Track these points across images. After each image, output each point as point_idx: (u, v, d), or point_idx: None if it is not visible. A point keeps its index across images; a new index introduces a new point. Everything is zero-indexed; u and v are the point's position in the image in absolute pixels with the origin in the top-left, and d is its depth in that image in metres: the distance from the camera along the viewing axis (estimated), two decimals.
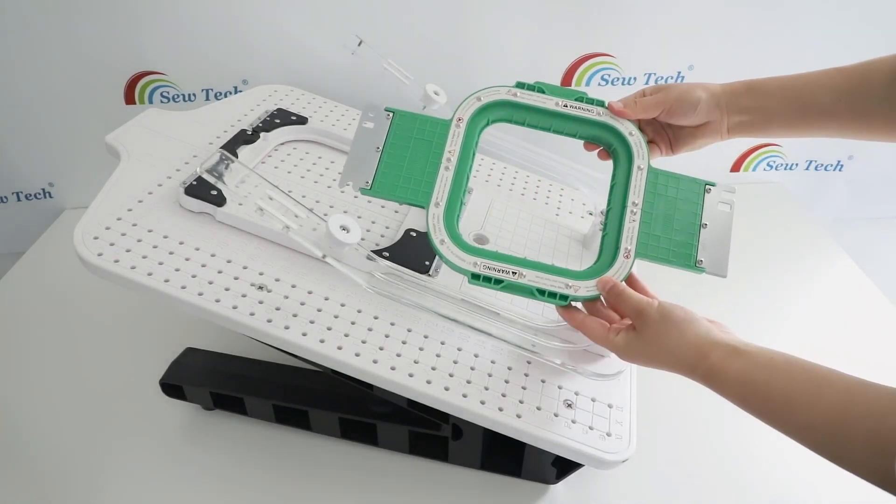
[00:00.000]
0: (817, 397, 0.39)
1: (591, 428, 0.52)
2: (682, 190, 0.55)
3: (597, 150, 0.59)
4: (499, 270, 0.52)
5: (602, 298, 0.52)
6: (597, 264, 0.54)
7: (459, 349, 0.55)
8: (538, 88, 0.56)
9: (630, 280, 0.52)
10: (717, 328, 0.47)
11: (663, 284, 0.55)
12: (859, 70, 0.51)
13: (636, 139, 0.55)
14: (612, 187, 0.56)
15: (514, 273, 0.52)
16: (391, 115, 0.55)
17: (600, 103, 0.56)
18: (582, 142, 0.59)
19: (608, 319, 0.51)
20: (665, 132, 0.58)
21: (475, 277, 0.51)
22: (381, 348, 0.53)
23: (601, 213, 0.69)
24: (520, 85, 0.56)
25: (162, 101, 0.91)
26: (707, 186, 0.55)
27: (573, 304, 0.52)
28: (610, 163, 0.58)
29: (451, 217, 0.53)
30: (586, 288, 0.52)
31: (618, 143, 0.56)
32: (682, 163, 0.59)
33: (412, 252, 0.61)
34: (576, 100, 0.56)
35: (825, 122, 0.52)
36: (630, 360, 0.50)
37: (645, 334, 0.47)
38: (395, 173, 0.54)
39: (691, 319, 0.46)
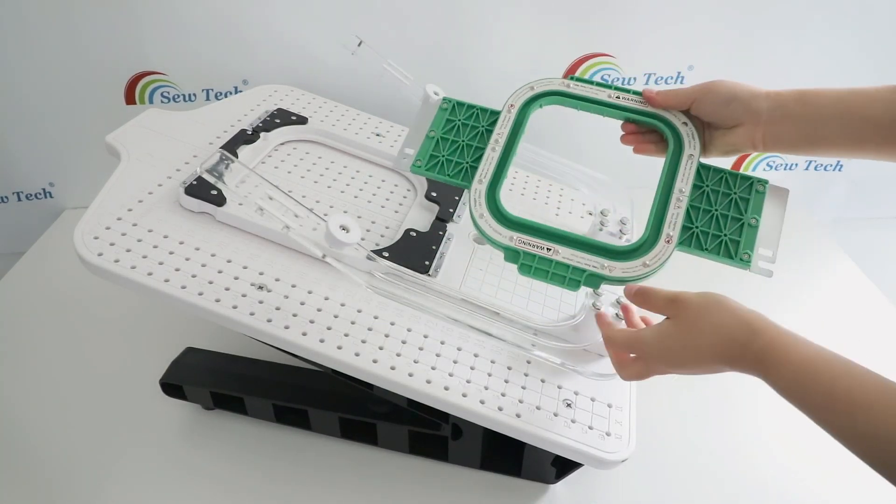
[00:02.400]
0: (887, 405, 0.35)
1: (590, 427, 0.52)
2: (731, 185, 0.54)
3: (633, 144, 0.56)
4: (534, 245, 0.52)
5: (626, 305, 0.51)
6: (637, 245, 0.52)
7: (459, 349, 0.55)
8: (588, 82, 0.57)
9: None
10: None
11: (665, 279, 0.55)
12: None
13: (689, 129, 0.54)
14: (661, 174, 0.55)
15: (548, 249, 0.51)
16: (444, 102, 0.59)
17: (636, 93, 0.56)
18: (583, 142, 0.59)
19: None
20: (701, 132, 0.54)
21: (509, 253, 0.51)
22: (380, 348, 0.53)
23: (601, 213, 0.69)
24: (572, 78, 0.57)
25: (162, 101, 0.91)
26: (759, 184, 0.54)
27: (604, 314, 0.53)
28: (610, 163, 0.58)
29: (493, 193, 0.54)
30: (622, 269, 0.50)
31: (670, 132, 0.55)
32: None
33: (412, 252, 0.61)
34: (619, 89, 0.56)
35: (882, 143, 0.47)
36: (662, 361, 0.45)
37: (682, 319, 0.44)
38: (442, 155, 0.56)
39: (733, 301, 0.43)
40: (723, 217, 0.53)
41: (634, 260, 0.51)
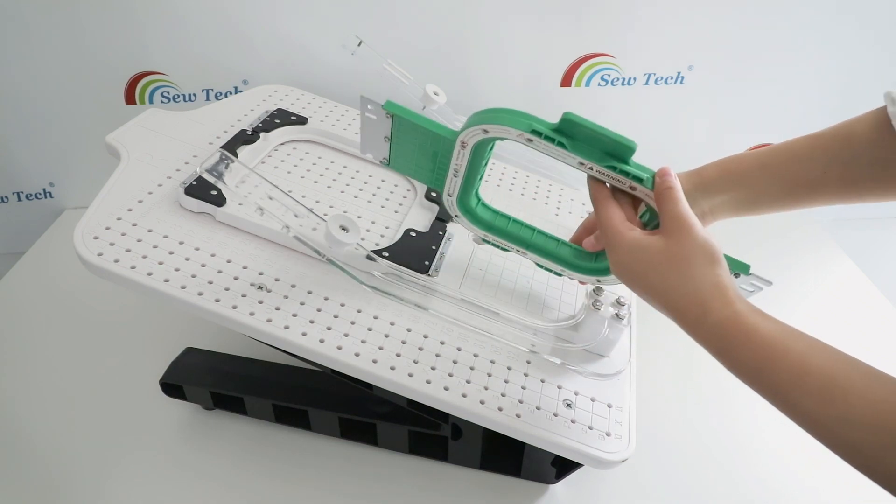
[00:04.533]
0: (865, 388, 0.33)
1: (590, 428, 0.52)
2: None
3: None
4: (504, 248, 0.55)
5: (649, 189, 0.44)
6: (599, 255, 0.53)
7: (459, 349, 0.55)
8: (558, 143, 0.45)
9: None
10: None
11: None
12: (838, 136, 0.47)
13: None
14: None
15: (518, 252, 0.55)
16: (391, 116, 0.51)
17: (642, 172, 0.45)
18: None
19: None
20: None
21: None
22: (380, 348, 0.53)
23: None
24: (536, 133, 0.45)
25: (162, 102, 0.91)
26: (737, 272, 0.49)
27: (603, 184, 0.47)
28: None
29: (465, 200, 0.54)
30: (580, 279, 0.54)
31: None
32: (682, 164, 0.59)
33: (412, 252, 0.61)
34: (607, 166, 0.45)
35: (815, 195, 0.48)
36: (630, 272, 0.42)
37: (672, 244, 0.40)
38: (407, 159, 0.53)
39: (723, 262, 0.40)
40: None
41: (592, 275, 0.53)
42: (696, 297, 0.39)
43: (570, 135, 0.45)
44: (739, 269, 0.49)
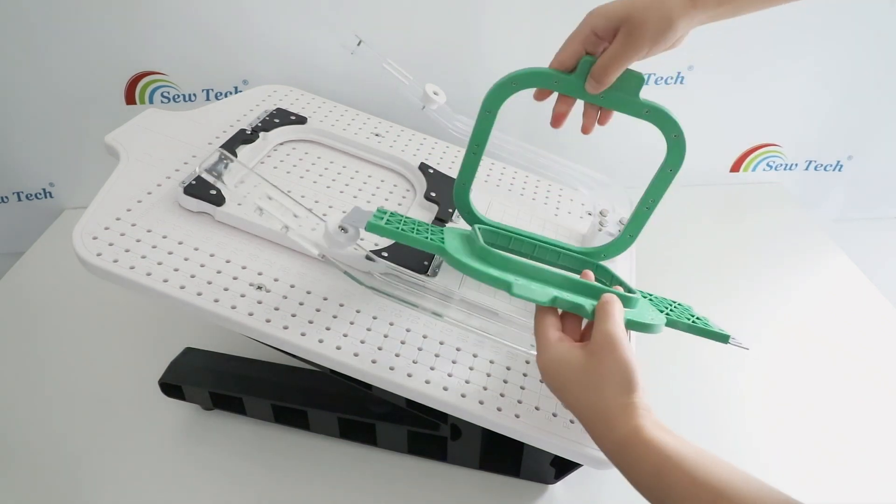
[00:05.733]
0: (755, 500, 0.35)
1: None
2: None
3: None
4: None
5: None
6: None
7: (458, 349, 0.55)
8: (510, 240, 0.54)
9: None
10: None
11: (666, 279, 0.55)
12: None
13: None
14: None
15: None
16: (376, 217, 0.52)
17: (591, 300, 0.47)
18: (583, 142, 0.59)
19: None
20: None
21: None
22: (379, 348, 0.53)
23: (600, 213, 0.69)
24: (486, 232, 0.52)
25: (162, 101, 0.91)
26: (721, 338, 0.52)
27: None
28: (610, 163, 0.58)
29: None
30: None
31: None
32: (682, 164, 0.59)
33: (411, 252, 0.61)
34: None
35: None
36: (551, 381, 0.44)
37: (593, 361, 0.42)
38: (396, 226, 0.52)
39: (640, 390, 0.42)
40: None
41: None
42: (605, 414, 0.41)
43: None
44: (719, 339, 0.51)
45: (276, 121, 0.73)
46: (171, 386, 0.65)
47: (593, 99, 0.53)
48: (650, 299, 0.56)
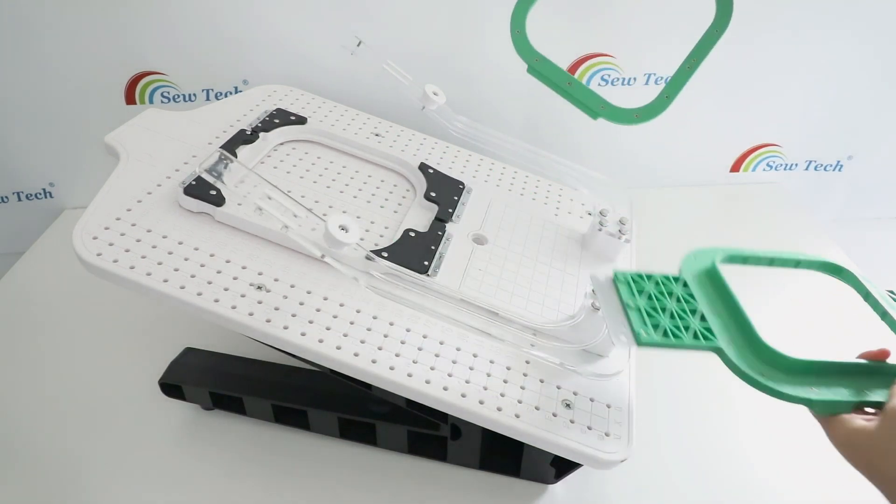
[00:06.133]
0: None
1: (589, 428, 0.52)
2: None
3: None
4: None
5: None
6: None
7: (458, 349, 0.55)
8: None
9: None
10: None
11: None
12: None
13: None
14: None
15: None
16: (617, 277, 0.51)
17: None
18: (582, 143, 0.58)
19: None
20: None
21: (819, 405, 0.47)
22: (379, 348, 0.53)
23: (600, 213, 0.69)
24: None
25: (162, 101, 0.91)
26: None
27: None
28: (610, 163, 0.58)
29: (756, 348, 0.48)
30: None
31: None
32: (682, 164, 0.59)
33: (411, 252, 0.61)
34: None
35: None
36: (855, 453, 0.42)
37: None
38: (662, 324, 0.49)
39: None
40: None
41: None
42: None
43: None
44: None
45: (276, 121, 0.73)
46: (171, 386, 0.65)
47: None
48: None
